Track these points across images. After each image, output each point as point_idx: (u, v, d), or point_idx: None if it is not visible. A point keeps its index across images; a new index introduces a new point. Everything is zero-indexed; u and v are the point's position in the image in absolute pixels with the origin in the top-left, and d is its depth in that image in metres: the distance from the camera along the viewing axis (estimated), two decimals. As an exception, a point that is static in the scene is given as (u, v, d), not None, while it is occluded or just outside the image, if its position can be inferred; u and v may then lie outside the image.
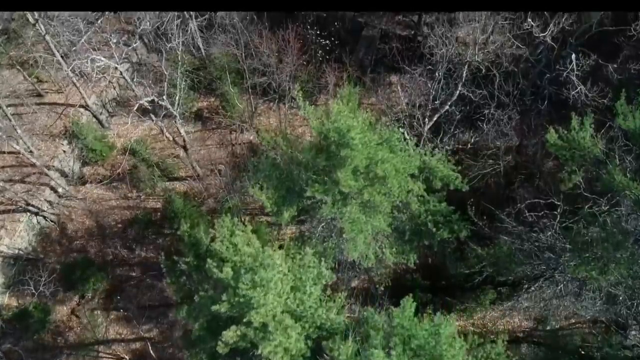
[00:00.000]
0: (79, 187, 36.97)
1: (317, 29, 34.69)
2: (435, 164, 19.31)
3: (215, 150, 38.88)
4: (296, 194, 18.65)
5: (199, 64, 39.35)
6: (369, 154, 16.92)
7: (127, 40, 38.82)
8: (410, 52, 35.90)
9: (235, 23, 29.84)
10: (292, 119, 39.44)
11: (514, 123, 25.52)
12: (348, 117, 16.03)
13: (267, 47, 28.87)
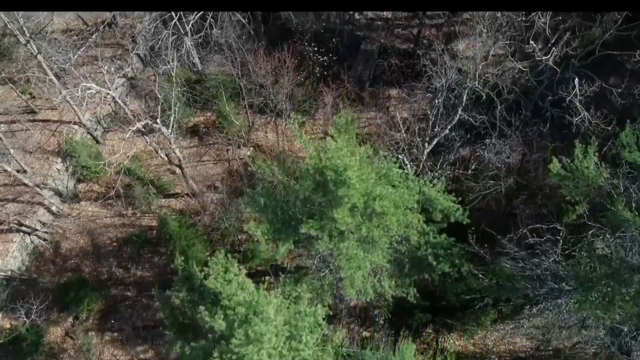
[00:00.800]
0: (74, 204, 36.42)
1: (314, 45, 34.14)
2: (435, 196, 18.75)
3: (212, 166, 38.34)
4: (292, 227, 18.09)
5: (195, 78, 38.82)
6: (366, 189, 16.36)
7: (122, 55, 38.32)
8: (409, 68, 35.39)
9: (231, 43, 29.26)
10: (290, 134, 38.87)
11: (516, 153, 24.94)
12: (345, 156, 15.46)
13: (263, 68, 28.30)
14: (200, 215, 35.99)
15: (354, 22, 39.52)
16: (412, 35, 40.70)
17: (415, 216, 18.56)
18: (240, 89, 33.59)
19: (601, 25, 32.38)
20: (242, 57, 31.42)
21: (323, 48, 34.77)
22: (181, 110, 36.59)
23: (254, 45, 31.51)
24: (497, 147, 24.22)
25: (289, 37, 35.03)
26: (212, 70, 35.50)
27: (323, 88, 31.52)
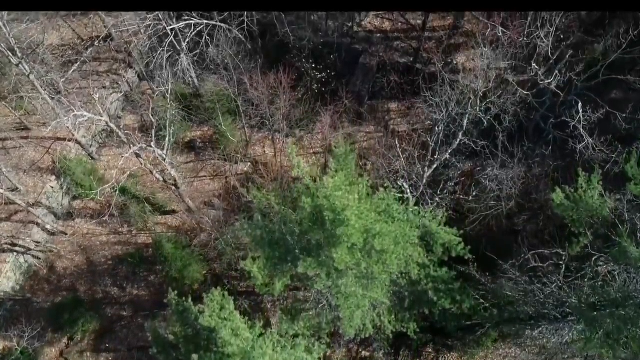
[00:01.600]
0: (69, 222, 35.90)
1: (312, 61, 33.60)
2: (436, 229, 18.25)
3: (209, 182, 37.82)
4: (289, 262, 17.59)
5: (192, 92, 38.26)
6: (365, 227, 15.86)
7: (118, 70, 37.78)
8: (409, 85, 34.89)
9: (227, 63, 28.73)
10: (289, 147, 38.29)
11: (519, 184, 24.40)
12: (343, 197, 14.93)
13: (260, 90, 27.82)
14: (197, 232, 35.56)
15: (353, 35, 39.00)
16: (412, 48, 40.17)
17: (415, 249, 18.07)
18: (237, 107, 33.07)
19: (604, 41, 31.97)
20: (239, 75, 30.91)
21: (321, 64, 34.24)
22: (177, 125, 36.15)
23: (251, 63, 30.92)
24: (499, 177, 23.70)
25: (286, 53, 34.50)
26: (208, 87, 34.88)
27: (321, 108, 30.94)
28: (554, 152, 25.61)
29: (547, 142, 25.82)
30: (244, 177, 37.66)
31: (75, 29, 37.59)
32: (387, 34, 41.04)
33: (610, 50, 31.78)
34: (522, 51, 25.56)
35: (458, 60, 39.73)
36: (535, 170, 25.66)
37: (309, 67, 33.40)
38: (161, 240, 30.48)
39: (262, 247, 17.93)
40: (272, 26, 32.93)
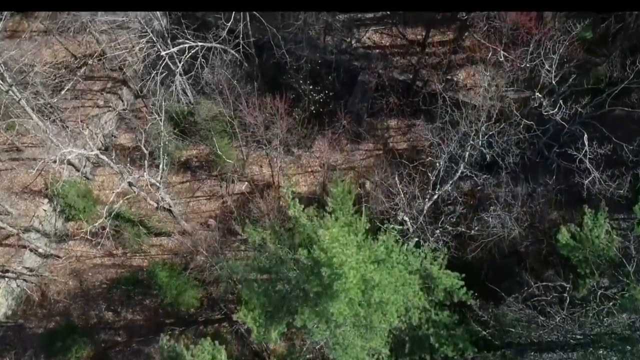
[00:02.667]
0: (62, 244, 35.24)
1: (310, 82, 32.89)
2: (437, 274, 17.61)
3: (205, 202, 37.16)
4: (285, 312, 16.95)
5: (188, 110, 37.58)
6: (363, 277, 15.21)
7: (112, 88, 37.08)
8: (408, 107, 34.25)
9: (222, 87, 28.06)
10: (286, 167, 37.67)
11: (525, 225, 23.74)
12: (340, 252, 14.25)
13: (256, 117, 27.19)
14: (193, 255, 34.90)
15: (351, 52, 38.33)
16: (412, 64, 39.49)
17: (416, 295, 17.43)
18: (232, 128, 32.41)
19: (608, 61, 31.32)
20: (236, 95, 30.25)
21: (319, 85, 33.56)
22: (172, 146, 35.51)
23: (247, 85, 30.27)
24: (502, 217, 23.05)
25: (283, 73, 33.80)
26: (204, 107, 34.22)
27: (319, 129, 30.28)
28: (557, 179, 24.93)
29: (550, 170, 25.18)
30: (241, 197, 37.03)
31: (69, 47, 36.87)
32: (386, 50, 40.36)
33: (614, 69, 31.20)
34: (524, 73, 24.90)
35: (458, 77, 39.11)
36: (539, 199, 24.97)
37: (307, 89, 32.68)
38: (155, 269, 29.77)
39: (257, 297, 17.30)
40: (269, 47, 32.23)
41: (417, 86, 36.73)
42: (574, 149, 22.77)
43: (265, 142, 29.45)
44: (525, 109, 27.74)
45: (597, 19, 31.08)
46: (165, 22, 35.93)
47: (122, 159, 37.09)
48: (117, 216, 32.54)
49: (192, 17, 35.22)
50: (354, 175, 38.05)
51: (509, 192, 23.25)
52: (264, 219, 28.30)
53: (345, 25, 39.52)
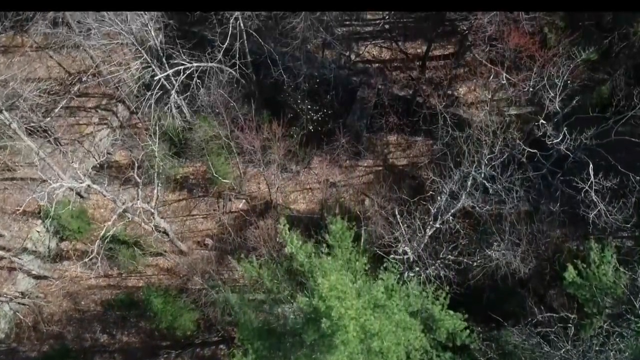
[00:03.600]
0: (56, 265, 34.63)
1: (308, 101, 32.23)
2: (440, 315, 17.00)
3: (202, 221, 36.54)
4: (282, 356, 16.35)
5: (184, 126, 36.94)
6: (363, 326, 14.60)
7: (107, 105, 36.45)
8: (408, 127, 33.65)
9: (219, 108, 27.48)
10: (284, 185, 37.03)
11: (531, 265, 23.10)
12: (339, 305, 13.63)
13: (252, 141, 26.64)
14: (190, 275, 34.30)
15: (350, 67, 37.70)
16: (411, 79, 38.87)
17: (418, 338, 16.82)
18: (229, 146, 31.85)
19: (611, 79, 30.73)
20: (233, 117, 29.69)
21: (318, 103, 32.93)
22: (168, 165, 34.91)
23: (244, 106, 29.65)
24: (508, 256, 22.42)
25: (281, 92, 33.16)
26: (201, 126, 33.57)
27: (317, 148, 29.61)
28: (562, 205, 24.30)
29: (555, 198, 24.57)
30: (238, 216, 36.41)
31: (63, 63, 36.24)
32: (385, 64, 39.73)
33: (618, 88, 30.58)
34: (526, 94, 24.28)
35: (459, 91, 38.50)
36: (543, 224, 24.33)
37: (305, 107, 32.05)
38: (150, 295, 29.11)
39: (252, 342, 16.72)
40: (266, 65, 31.59)
41: (417, 102, 36.07)
42: (578, 179, 22.14)
43: (263, 166, 28.80)
44: (528, 125, 27.14)
45: (600, 37, 30.47)
46: (161, 37, 35.34)
47: (118, 176, 36.70)
48: (111, 239, 31.94)
49: (189, 35, 34.65)
50: (353, 192, 37.48)
51: (512, 230, 22.60)
52: (261, 246, 27.61)
53: (344, 40, 38.89)
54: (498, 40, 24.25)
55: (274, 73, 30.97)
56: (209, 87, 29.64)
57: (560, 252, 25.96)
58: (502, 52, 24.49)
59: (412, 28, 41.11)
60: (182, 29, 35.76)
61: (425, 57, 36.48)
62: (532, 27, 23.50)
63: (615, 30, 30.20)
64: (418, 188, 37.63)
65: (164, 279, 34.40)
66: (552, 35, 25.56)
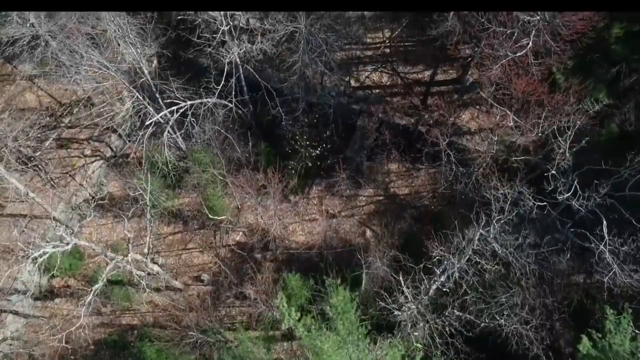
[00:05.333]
0: (47, 302, 33.57)
1: (306, 138, 31.15)
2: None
3: (198, 254, 35.51)
4: None
5: (180, 155, 35.90)
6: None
7: (100, 136, 35.37)
8: (411, 164, 32.62)
9: (215, 146, 26.50)
10: (283, 216, 36.00)
11: (543, 343, 22.03)
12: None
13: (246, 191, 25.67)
14: (186, 311, 33.28)
15: (350, 94, 36.67)
16: (413, 105, 37.86)
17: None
18: (225, 180, 30.86)
19: (620, 113, 29.74)
20: (230, 151, 28.68)
21: (317, 139, 31.89)
22: (162, 196, 33.92)
23: (242, 143, 28.65)
24: (518, 330, 21.40)
25: (279, 125, 32.08)
26: (196, 157, 32.58)
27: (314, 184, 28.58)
28: (571, 258, 23.28)
29: (563, 249, 23.52)
30: (236, 248, 35.39)
31: (54, 93, 35.16)
32: (386, 90, 38.71)
33: (627, 123, 29.59)
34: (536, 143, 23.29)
35: (462, 118, 37.48)
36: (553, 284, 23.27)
37: (304, 143, 30.99)
38: (142, 347, 28.08)
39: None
40: (263, 101, 30.51)
41: (419, 132, 35.05)
42: (590, 234, 21.11)
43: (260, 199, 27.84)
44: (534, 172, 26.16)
45: (608, 70, 29.42)
46: (155, 64, 34.32)
47: (111, 208, 35.61)
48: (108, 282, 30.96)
49: (183, 64, 33.63)
50: (353, 223, 36.49)
51: (524, 307, 21.49)
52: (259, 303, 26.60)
53: (343, 64, 37.88)
54: (505, 84, 23.21)
55: (272, 109, 29.92)
56: (203, 124, 28.58)
57: (569, 299, 24.94)
58: (510, 95, 23.46)
59: (413, 52, 40.12)
60: (176, 56, 34.73)
61: (429, 88, 35.43)
62: (541, 71, 22.46)
63: (623, 62, 29.23)
64: (420, 218, 36.84)
65: (159, 317, 33.38)
66: (561, 76, 24.55)
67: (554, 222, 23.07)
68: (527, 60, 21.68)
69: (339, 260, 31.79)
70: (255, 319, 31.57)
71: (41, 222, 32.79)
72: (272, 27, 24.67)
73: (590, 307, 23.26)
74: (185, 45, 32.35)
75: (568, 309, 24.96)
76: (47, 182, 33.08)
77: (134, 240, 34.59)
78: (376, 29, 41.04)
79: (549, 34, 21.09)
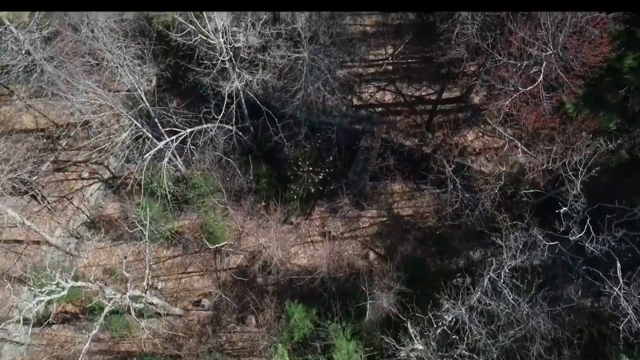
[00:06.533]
0: (45, 329, 32.80)
1: (309, 163, 30.47)
2: None
3: (198, 279, 34.85)
4: None
5: (179, 176, 35.22)
6: None
7: (98, 159, 34.65)
8: (416, 191, 31.95)
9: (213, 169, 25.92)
10: (284, 238, 35.29)
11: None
12: None
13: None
14: (186, 338, 32.66)
15: (352, 114, 36.00)
16: (416, 123, 37.21)
17: None
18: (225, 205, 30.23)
19: (630, 139, 29.05)
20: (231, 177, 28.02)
21: (319, 164, 31.20)
22: (163, 217, 33.31)
23: (243, 169, 28.00)
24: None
25: (281, 150, 31.41)
26: (195, 180, 31.92)
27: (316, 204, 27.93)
28: (584, 295, 22.64)
29: (576, 286, 22.86)
30: (236, 271, 34.73)
31: (50, 114, 34.47)
32: (388, 108, 38.06)
33: (637, 149, 28.90)
34: (545, 178, 22.58)
35: (466, 137, 36.82)
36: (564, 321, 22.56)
37: (306, 169, 30.30)
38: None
39: None
40: (265, 127, 29.86)
41: (423, 153, 34.37)
42: (603, 274, 20.44)
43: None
44: (548, 191, 25.34)
45: (617, 94, 28.71)
46: (153, 84, 33.68)
47: (110, 230, 34.93)
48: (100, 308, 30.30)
49: (183, 84, 32.95)
50: (356, 245, 35.87)
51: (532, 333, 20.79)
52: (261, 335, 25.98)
53: (345, 82, 37.24)
54: (514, 114, 22.53)
55: (273, 135, 29.21)
56: (203, 150, 27.93)
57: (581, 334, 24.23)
58: (519, 127, 22.80)
59: (416, 69, 39.46)
60: (176, 76, 34.06)
61: (435, 108, 34.75)
62: (552, 104, 21.78)
63: (632, 84, 28.57)
64: (424, 239, 36.17)
65: (158, 344, 32.70)
66: (572, 106, 23.89)
67: (564, 257, 22.40)
68: (537, 92, 21.01)
69: (342, 290, 31.12)
70: (257, 348, 30.99)
71: (38, 248, 32.10)
72: (273, 59, 24.03)
73: (602, 346, 22.60)
74: (185, 70, 31.73)
75: (579, 341, 24.30)
76: (44, 206, 32.33)
77: (132, 263, 34.26)
78: (378, 45, 40.38)
79: (561, 68, 20.44)
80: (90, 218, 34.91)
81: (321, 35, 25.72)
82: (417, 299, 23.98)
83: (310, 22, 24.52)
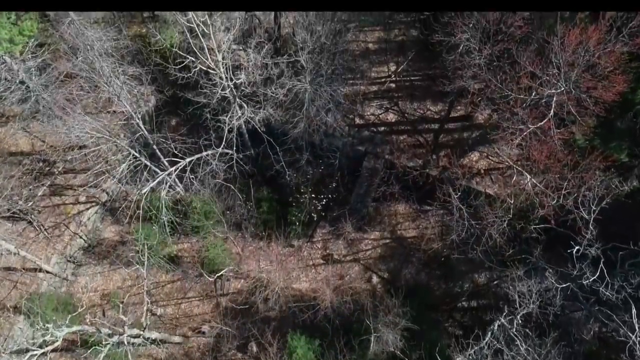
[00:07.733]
0: (41, 358, 32.10)
1: (311, 190, 29.81)
2: None
3: (198, 304, 34.17)
4: None
5: (178, 198, 34.51)
6: None
7: (95, 181, 33.90)
8: (422, 214, 31.30)
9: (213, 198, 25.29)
10: (286, 261, 34.63)
11: None
12: None
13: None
14: (186, 366, 32.04)
15: (355, 135, 35.31)
16: (420, 143, 36.54)
17: None
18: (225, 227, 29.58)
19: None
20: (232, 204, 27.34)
21: (322, 191, 30.53)
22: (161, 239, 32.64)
23: (243, 193, 27.35)
24: None
25: (282, 177, 30.71)
26: (195, 204, 31.26)
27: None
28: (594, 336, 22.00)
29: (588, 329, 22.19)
30: (237, 296, 34.05)
31: (47, 137, 33.73)
32: (392, 127, 37.39)
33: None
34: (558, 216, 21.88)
35: (471, 158, 36.17)
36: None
37: (308, 197, 29.63)
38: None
39: None
40: (266, 154, 29.17)
41: (427, 175, 33.66)
42: (619, 319, 19.77)
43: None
44: (559, 226, 24.60)
45: (626, 117, 28.01)
46: (152, 103, 33.03)
47: (107, 256, 34.25)
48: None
49: (181, 106, 32.21)
50: (359, 269, 35.20)
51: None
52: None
53: (347, 100, 36.51)
54: (525, 148, 21.85)
55: (275, 163, 28.51)
56: (204, 178, 27.26)
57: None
58: (529, 163, 22.09)
59: (419, 87, 38.80)
60: (176, 100, 33.39)
61: (441, 128, 34.05)
62: (563, 138, 21.09)
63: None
64: (429, 262, 35.47)
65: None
66: (582, 138, 23.22)
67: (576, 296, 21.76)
68: (548, 127, 20.34)
69: (345, 323, 30.51)
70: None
71: (34, 275, 31.40)
72: (275, 94, 23.35)
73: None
74: (185, 101, 31.03)
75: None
76: (40, 232, 31.66)
77: (129, 288, 33.62)
78: (381, 62, 39.71)
79: (572, 102, 19.78)
80: (87, 242, 34.23)
81: (323, 65, 25.02)
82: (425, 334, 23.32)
83: (313, 55, 23.82)
